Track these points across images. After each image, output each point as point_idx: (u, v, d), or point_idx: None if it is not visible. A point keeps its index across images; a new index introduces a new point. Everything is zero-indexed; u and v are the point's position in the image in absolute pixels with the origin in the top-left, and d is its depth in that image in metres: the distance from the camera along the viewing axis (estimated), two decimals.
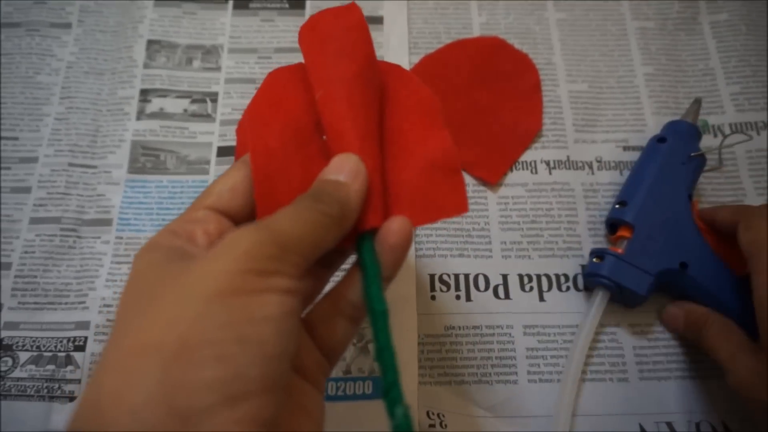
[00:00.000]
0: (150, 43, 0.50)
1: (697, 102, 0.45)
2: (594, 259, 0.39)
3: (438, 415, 0.36)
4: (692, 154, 0.41)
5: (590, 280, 0.39)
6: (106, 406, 0.18)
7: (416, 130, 0.28)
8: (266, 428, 0.19)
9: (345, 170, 0.25)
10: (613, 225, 0.41)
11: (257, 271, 0.20)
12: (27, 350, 0.39)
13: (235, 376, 0.18)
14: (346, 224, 0.24)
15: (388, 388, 0.23)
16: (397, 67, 0.31)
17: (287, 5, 0.53)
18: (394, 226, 0.25)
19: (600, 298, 0.39)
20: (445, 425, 0.36)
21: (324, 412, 0.25)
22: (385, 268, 0.25)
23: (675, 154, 0.41)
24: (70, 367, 0.38)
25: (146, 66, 0.49)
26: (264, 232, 0.21)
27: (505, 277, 0.42)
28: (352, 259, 0.29)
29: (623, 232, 0.40)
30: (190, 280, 0.20)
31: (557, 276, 0.42)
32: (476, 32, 0.51)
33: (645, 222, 0.39)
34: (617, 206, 0.41)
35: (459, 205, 0.27)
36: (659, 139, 0.43)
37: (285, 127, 0.28)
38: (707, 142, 0.46)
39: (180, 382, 0.18)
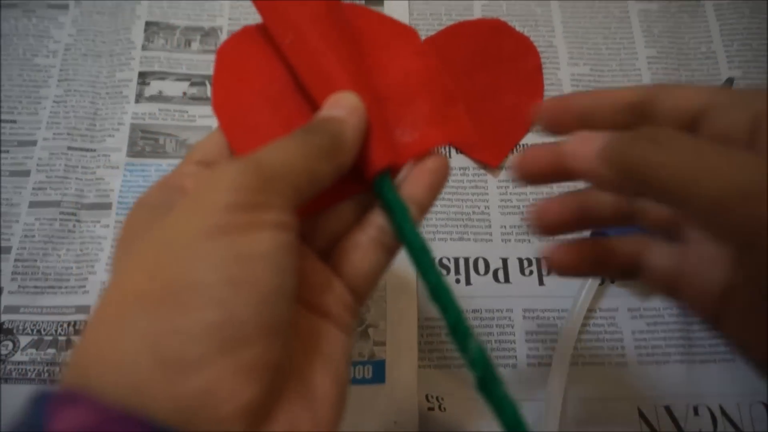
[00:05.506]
0: (148, 24, 0.50)
1: (730, 82, 0.44)
2: None
3: (437, 398, 0.37)
4: None
5: None
6: (90, 361, 0.17)
7: (398, 60, 0.27)
8: (270, 376, 0.17)
9: (340, 106, 0.23)
10: None
11: (243, 205, 0.18)
12: (27, 334, 0.39)
13: (229, 320, 0.17)
14: (341, 158, 0.22)
15: (454, 325, 0.21)
16: (357, 5, 0.29)
17: None
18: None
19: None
20: (444, 408, 0.36)
21: (348, 353, 0.23)
22: (421, 195, 0.25)
23: None
24: (70, 351, 0.38)
25: (144, 48, 0.49)
26: (247, 163, 0.19)
27: (504, 260, 0.42)
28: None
29: None
30: (172, 221, 0.18)
31: None
32: (477, 14, 0.51)
33: None
34: None
35: (462, 129, 0.26)
36: None
37: (258, 99, 0.26)
38: None
39: (167, 330, 0.16)
